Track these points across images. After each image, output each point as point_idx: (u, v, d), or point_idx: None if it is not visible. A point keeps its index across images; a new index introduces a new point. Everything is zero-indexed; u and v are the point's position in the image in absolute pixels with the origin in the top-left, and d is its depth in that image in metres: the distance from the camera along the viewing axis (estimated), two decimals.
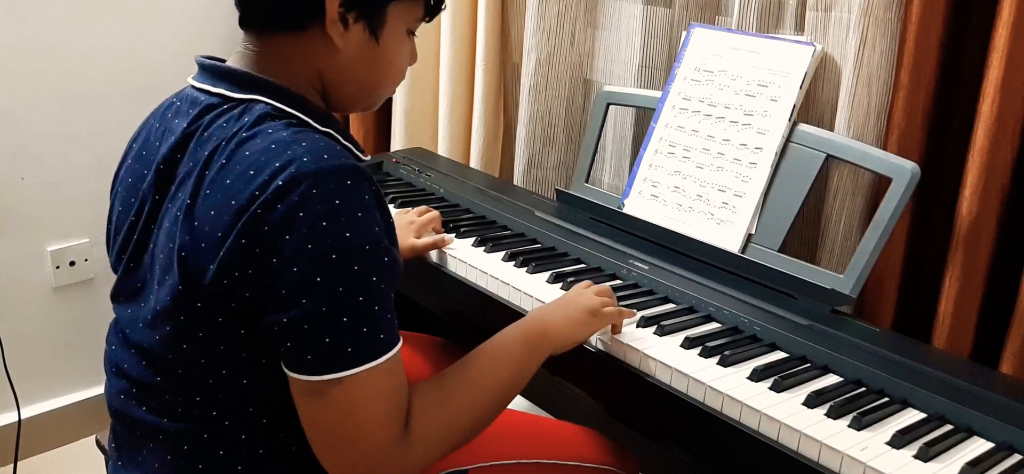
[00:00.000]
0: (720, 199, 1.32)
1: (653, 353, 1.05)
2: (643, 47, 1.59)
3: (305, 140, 0.82)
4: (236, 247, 0.79)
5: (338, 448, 0.83)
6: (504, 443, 1.13)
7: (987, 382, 1.01)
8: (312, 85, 0.93)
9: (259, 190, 0.78)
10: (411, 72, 1.97)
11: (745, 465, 0.97)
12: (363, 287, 0.79)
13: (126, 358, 0.93)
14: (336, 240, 0.78)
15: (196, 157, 0.86)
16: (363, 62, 0.93)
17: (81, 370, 2.10)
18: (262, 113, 0.85)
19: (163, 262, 0.86)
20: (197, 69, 0.94)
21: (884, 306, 1.26)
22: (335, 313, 0.78)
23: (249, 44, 0.92)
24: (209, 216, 0.81)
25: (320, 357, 0.79)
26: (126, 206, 0.94)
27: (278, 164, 0.79)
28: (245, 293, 0.80)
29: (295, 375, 0.81)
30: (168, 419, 0.90)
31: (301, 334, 0.79)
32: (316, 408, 0.82)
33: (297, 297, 0.78)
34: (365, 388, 0.80)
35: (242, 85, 0.88)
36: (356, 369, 0.79)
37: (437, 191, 1.64)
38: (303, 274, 0.77)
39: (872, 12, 1.22)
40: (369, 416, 0.81)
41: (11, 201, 1.91)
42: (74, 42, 1.92)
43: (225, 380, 0.87)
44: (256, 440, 0.90)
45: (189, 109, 0.90)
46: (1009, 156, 1.13)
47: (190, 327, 0.85)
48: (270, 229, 0.78)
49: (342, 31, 0.90)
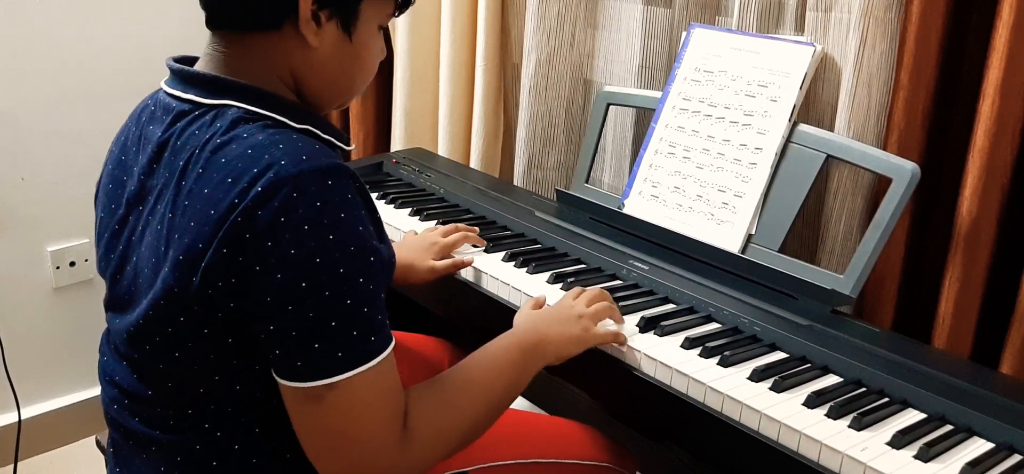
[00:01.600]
0: (720, 199, 1.32)
1: (653, 353, 1.05)
2: (643, 47, 1.59)
3: (283, 142, 0.80)
4: (218, 257, 0.77)
5: (334, 453, 0.82)
6: (503, 443, 1.13)
7: (987, 382, 1.01)
8: (285, 84, 0.91)
9: (238, 197, 0.77)
10: (411, 72, 1.97)
11: (745, 465, 0.97)
12: (351, 290, 0.78)
13: (118, 369, 0.93)
14: (320, 243, 0.76)
15: (172, 167, 0.84)
16: (336, 60, 0.91)
17: (81, 370, 2.10)
18: (235, 117, 0.84)
19: (147, 275, 0.85)
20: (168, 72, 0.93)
21: (884, 306, 1.26)
22: (323, 318, 0.77)
23: (218, 45, 0.89)
24: (189, 228, 0.79)
25: (311, 363, 0.78)
26: (108, 213, 0.93)
27: (257, 169, 0.77)
28: (230, 303, 0.79)
29: (286, 382, 0.80)
30: (160, 430, 0.89)
31: (290, 341, 0.78)
32: (309, 414, 0.81)
33: (284, 304, 0.77)
34: (358, 392, 0.79)
35: (212, 90, 0.87)
36: (348, 373, 0.78)
37: (437, 191, 1.64)
38: (289, 280, 0.76)
39: (872, 12, 1.22)
40: (364, 419, 0.80)
41: (11, 201, 1.91)
42: (74, 42, 1.92)
43: (217, 388, 0.86)
44: (249, 450, 0.89)
45: (163, 115, 0.89)
46: (1009, 156, 1.12)
47: (178, 338, 0.84)
48: (252, 237, 0.76)
49: (316, 30, 0.88)
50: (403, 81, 1.98)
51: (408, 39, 1.94)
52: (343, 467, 0.82)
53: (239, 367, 0.85)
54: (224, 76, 0.87)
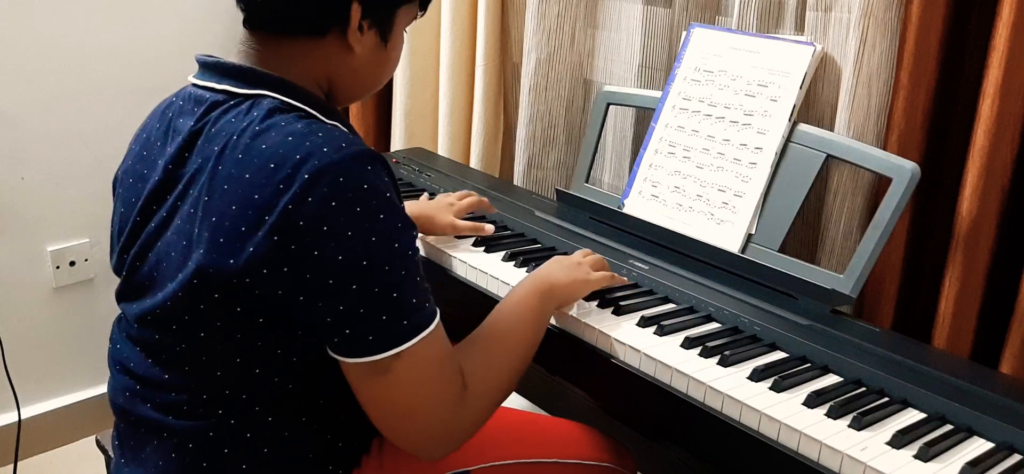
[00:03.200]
0: (720, 199, 1.32)
1: (653, 353, 1.05)
2: (643, 47, 1.59)
3: (321, 131, 0.83)
4: (268, 245, 0.80)
5: (409, 418, 0.86)
6: (503, 443, 1.13)
7: (987, 382, 1.01)
8: (317, 83, 0.94)
9: (284, 183, 0.79)
10: (411, 72, 1.97)
11: (745, 465, 0.97)
12: (403, 262, 0.83)
13: (132, 355, 0.93)
14: (372, 223, 0.80)
15: (206, 153, 0.86)
16: (371, 63, 0.97)
17: (81, 370, 2.10)
18: (271, 107, 0.86)
19: (175, 259, 0.86)
20: (198, 68, 0.94)
21: (884, 306, 1.26)
22: (386, 291, 0.81)
23: (253, 44, 0.92)
24: (230, 210, 0.81)
25: (380, 337, 0.82)
26: (128, 207, 0.94)
27: (299, 156, 0.80)
28: (276, 291, 0.82)
29: (354, 360, 0.83)
30: (173, 417, 0.90)
31: (357, 318, 0.81)
32: (382, 387, 0.84)
33: (348, 284, 0.80)
34: (424, 355, 0.84)
35: (248, 81, 0.89)
36: (415, 339, 0.83)
37: (437, 191, 1.64)
38: (350, 261, 0.80)
39: (872, 12, 1.22)
40: (432, 382, 0.86)
41: (11, 201, 1.91)
42: (74, 42, 1.92)
43: (235, 372, 0.87)
44: (262, 439, 0.90)
45: (194, 108, 0.90)
46: (1009, 156, 1.13)
47: (207, 318, 0.85)
48: (306, 224, 0.79)
49: (359, 38, 0.93)
50: (403, 81, 1.98)
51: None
52: (416, 431, 0.87)
53: (262, 350, 0.87)
54: (260, 68, 0.90)
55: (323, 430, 0.94)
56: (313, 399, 0.92)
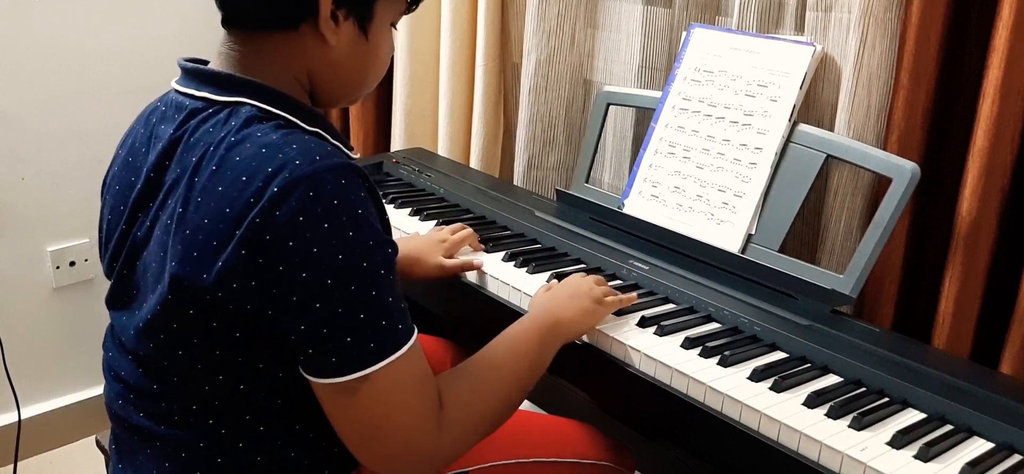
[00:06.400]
0: (720, 199, 1.32)
1: (653, 353, 1.05)
2: (643, 47, 1.59)
3: (296, 142, 0.81)
4: (236, 258, 0.78)
5: (375, 443, 0.83)
6: (503, 443, 1.13)
7: (987, 382, 1.01)
8: (300, 83, 0.92)
9: (254, 197, 0.78)
10: (411, 72, 1.97)
11: (745, 465, 0.97)
12: (373, 282, 0.80)
13: (123, 364, 0.93)
14: (340, 241, 0.78)
15: (184, 163, 0.85)
16: (352, 58, 0.93)
17: (81, 370, 2.10)
18: (249, 116, 0.84)
19: (155, 270, 0.85)
20: (179, 72, 0.93)
21: (884, 306, 1.26)
22: (351, 313, 0.79)
23: (233, 44, 0.90)
24: (203, 224, 0.80)
25: (344, 358, 0.79)
26: (116, 214, 0.93)
27: (271, 168, 0.78)
28: (246, 305, 0.80)
29: (320, 380, 0.81)
30: (165, 426, 0.90)
31: (321, 339, 0.79)
32: (347, 408, 0.82)
33: (311, 303, 0.78)
34: (393, 380, 0.81)
35: (226, 87, 0.87)
36: (381, 363, 0.80)
37: (437, 191, 1.64)
38: (313, 279, 0.77)
39: (872, 12, 1.22)
40: (401, 407, 0.82)
41: (11, 201, 1.91)
42: (74, 42, 1.92)
43: (222, 385, 0.86)
44: (254, 447, 0.90)
45: (174, 114, 0.89)
46: (1009, 157, 1.13)
47: (184, 333, 0.84)
48: (273, 237, 0.77)
49: (334, 28, 0.89)
50: (403, 81, 1.98)
51: (408, 39, 1.95)
52: (385, 456, 0.84)
53: (244, 365, 0.86)
54: (239, 74, 0.88)
55: (317, 437, 0.93)
56: (304, 409, 0.90)
